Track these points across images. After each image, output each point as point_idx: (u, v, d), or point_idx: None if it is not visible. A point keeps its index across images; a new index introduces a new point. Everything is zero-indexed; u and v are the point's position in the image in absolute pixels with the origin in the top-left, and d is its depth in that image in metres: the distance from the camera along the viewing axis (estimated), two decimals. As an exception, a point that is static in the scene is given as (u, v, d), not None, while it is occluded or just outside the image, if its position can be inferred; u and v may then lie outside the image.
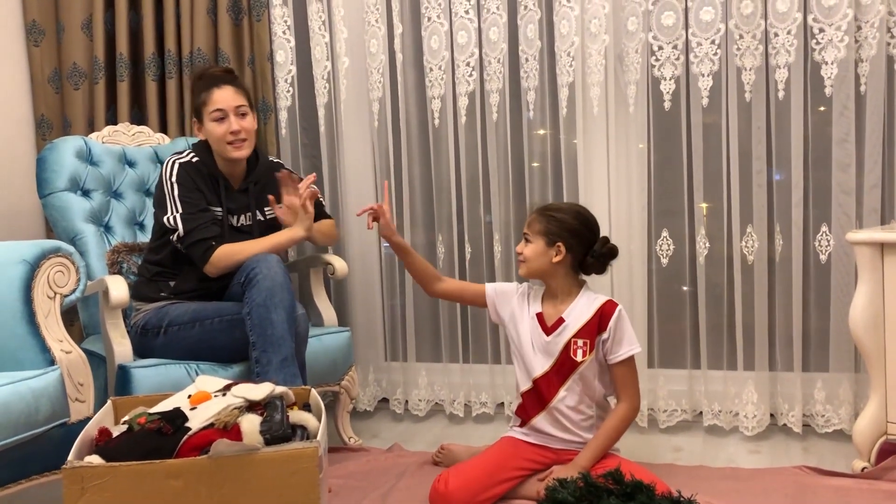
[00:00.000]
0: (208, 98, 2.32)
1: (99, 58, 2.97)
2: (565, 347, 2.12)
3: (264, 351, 2.12)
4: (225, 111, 2.30)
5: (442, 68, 2.74)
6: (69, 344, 1.99)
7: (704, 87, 2.50)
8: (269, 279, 2.13)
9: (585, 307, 2.14)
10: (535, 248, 2.13)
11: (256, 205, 2.41)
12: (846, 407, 2.47)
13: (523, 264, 2.17)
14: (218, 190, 2.35)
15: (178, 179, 2.28)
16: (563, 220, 2.12)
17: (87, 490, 1.35)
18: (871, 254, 2.10)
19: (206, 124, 2.33)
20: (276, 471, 1.39)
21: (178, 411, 1.48)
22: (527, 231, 2.16)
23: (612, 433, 2.09)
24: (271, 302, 2.12)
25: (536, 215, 2.16)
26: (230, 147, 2.32)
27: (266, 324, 2.11)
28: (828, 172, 2.45)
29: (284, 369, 2.12)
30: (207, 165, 2.35)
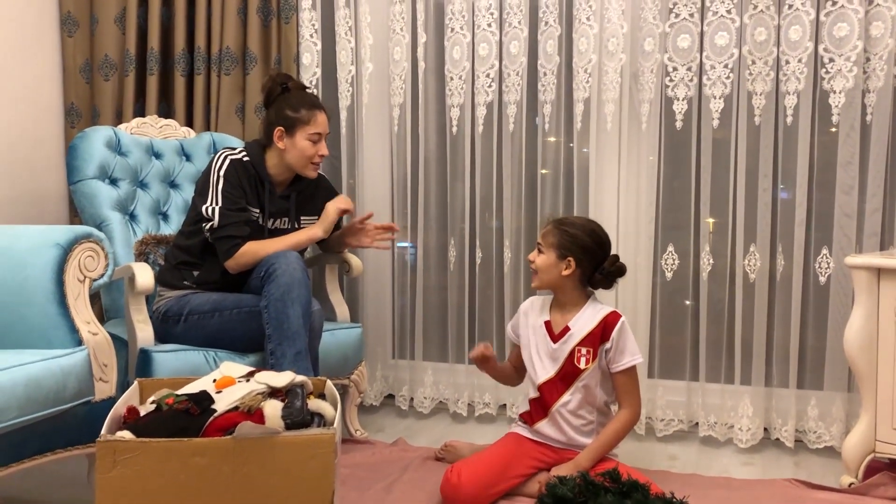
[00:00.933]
0: (313, 119, 2.41)
1: (130, 51, 3.06)
2: (570, 355, 2.21)
3: (279, 344, 2.20)
4: (321, 135, 2.43)
5: (462, 78, 2.83)
6: (96, 326, 2.08)
7: (716, 109, 2.58)
8: (288, 275, 2.22)
9: (590, 317, 2.22)
10: (546, 260, 2.21)
11: (296, 212, 2.51)
12: (838, 424, 2.55)
13: (535, 276, 2.25)
14: (262, 191, 2.43)
15: (226, 174, 2.36)
16: (576, 236, 2.20)
17: (119, 463, 1.44)
18: (867, 278, 2.18)
19: (298, 140, 2.40)
20: (294, 454, 1.47)
21: (205, 394, 1.57)
22: (541, 241, 2.24)
23: (612, 437, 2.18)
24: (288, 297, 2.20)
25: (552, 227, 2.24)
26: (311, 167, 2.45)
27: (282, 318, 2.20)
28: (831, 195, 2.53)
29: (297, 363, 2.20)
30: (257, 167, 2.43)
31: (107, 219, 2.62)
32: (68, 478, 2.28)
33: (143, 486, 1.44)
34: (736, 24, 2.54)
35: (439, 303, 3.03)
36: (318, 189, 2.57)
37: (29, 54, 3.00)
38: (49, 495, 2.19)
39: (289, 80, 2.50)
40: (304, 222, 2.53)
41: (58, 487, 2.24)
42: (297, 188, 2.51)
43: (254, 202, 2.41)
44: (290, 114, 2.41)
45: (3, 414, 1.72)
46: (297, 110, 2.41)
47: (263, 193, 2.43)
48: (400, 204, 2.99)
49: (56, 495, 2.19)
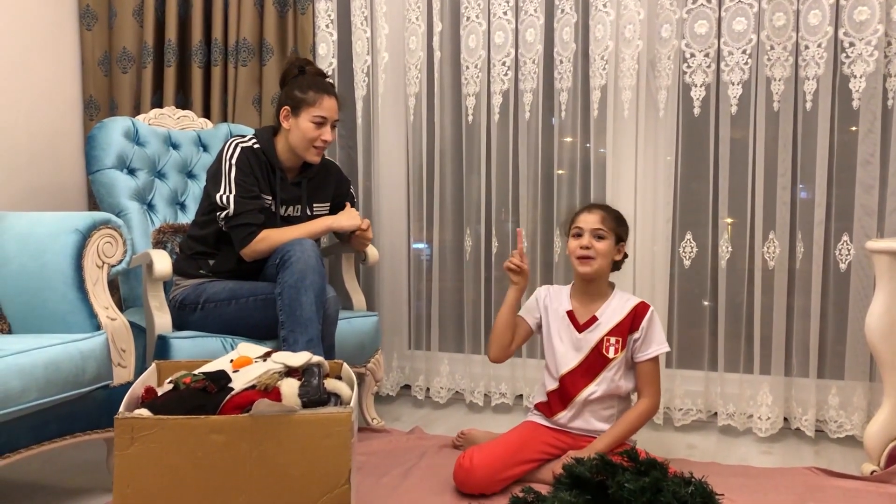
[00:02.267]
0: (320, 101, 2.39)
1: (148, 43, 3.08)
2: (597, 345, 2.21)
3: (292, 331, 2.20)
4: (326, 119, 2.41)
5: (478, 67, 2.83)
6: (114, 311, 2.10)
7: (734, 96, 2.56)
8: (302, 262, 2.22)
9: (619, 307, 2.23)
10: (608, 245, 2.20)
11: (307, 199, 2.50)
12: (859, 414, 2.52)
13: (594, 260, 2.18)
14: (273, 179, 2.43)
15: (238, 163, 2.36)
16: (625, 223, 2.26)
17: (136, 440, 1.44)
18: (889, 263, 2.15)
19: (301, 121, 2.39)
20: (311, 432, 1.47)
21: (223, 372, 1.57)
22: (601, 227, 2.19)
23: (630, 425, 2.16)
24: (302, 284, 2.20)
25: (607, 213, 2.22)
26: (313, 151, 2.42)
27: (295, 305, 2.20)
28: (852, 177, 2.50)
29: (310, 350, 2.20)
30: (267, 153, 2.42)
31: (125, 208, 2.64)
32: (87, 464, 2.31)
33: (161, 462, 1.44)
34: (754, 9, 2.52)
35: (455, 293, 3.03)
36: (329, 175, 2.58)
37: (48, 48, 3.03)
38: (68, 481, 2.21)
39: (308, 64, 2.50)
40: (316, 209, 2.53)
41: (77, 473, 2.26)
42: (307, 175, 2.50)
43: (266, 189, 2.41)
44: (297, 94, 2.41)
45: (24, 395, 1.74)
46: (305, 91, 2.41)
47: (275, 180, 2.43)
48: (416, 193, 2.99)
49: (75, 481, 2.21)
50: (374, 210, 3.02)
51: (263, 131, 2.48)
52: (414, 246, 3.06)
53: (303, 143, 2.41)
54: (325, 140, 2.42)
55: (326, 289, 2.29)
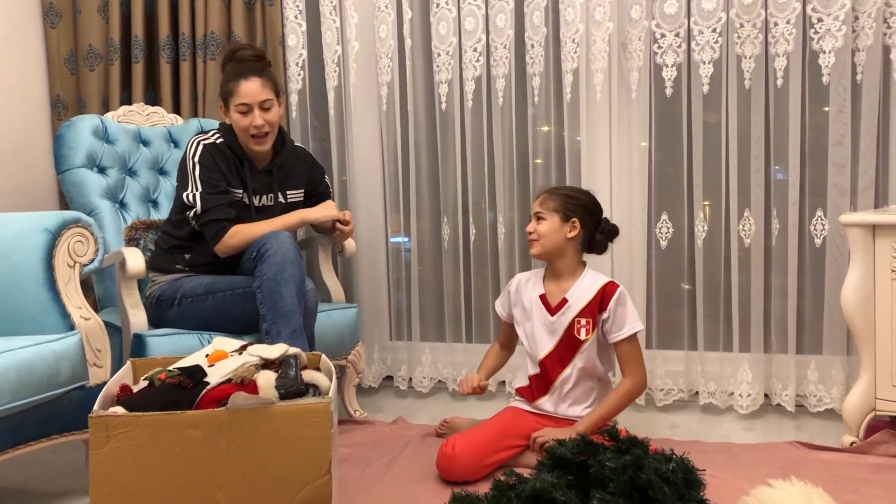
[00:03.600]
0: (235, 89, 2.32)
1: (114, 40, 3.04)
2: (569, 326, 2.20)
3: (274, 323, 2.18)
4: (250, 105, 2.32)
5: (450, 53, 2.81)
6: (87, 311, 2.07)
7: (705, 75, 2.57)
8: (280, 254, 2.20)
9: (588, 287, 2.22)
10: (549, 225, 2.20)
11: (279, 187, 2.47)
12: (838, 387, 2.54)
13: (537, 242, 2.21)
14: (242, 170, 2.40)
15: (201, 160, 2.33)
16: (577, 197, 2.22)
17: (112, 438, 1.42)
18: (862, 235, 2.17)
19: (232, 113, 2.35)
20: (290, 423, 1.46)
21: (198, 367, 1.56)
22: (539, 209, 2.22)
23: (613, 405, 2.17)
24: (281, 276, 2.18)
25: (549, 194, 2.23)
26: (253, 140, 2.35)
27: (276, 297, 2.18)
28: (824, 151, 2.52)
29: (294, 341, 2.18)
30: (232, 146, 2.39)
31: (96, 207, 2.61)
32: (66, 466, 2.28)
33: (138, 460, 1.42)
34: (723, -13, 2.52)
35: (435, 282, 3.02)
36: (300, 161, 2.54)
37: (12, 47, 2.98)
38: (46, 485, 2.18)
39: (239, 49, 2.43)
40: (290, 197, 2.50)
41: (56, 476, 2.23)
42: (277, 162, 2.47)
43: (236, 182, 2.38)
44: (222, 87, 2.38)
45: (-3, 398, 1.71)
46: (226, 83, 2.35)
47: (244, 171, 2.40)
48: (391, 183, 2.97)
49: (54, 484, 2.18)
50: (350, 201, 3.00)
51: (227, 124, 2.44)
52: (393, 240, 3.05)
53: (240, 135, 2.37)
54: (256, 126, 2.32)
55: (305, 281, 2.28)
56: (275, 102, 2.37)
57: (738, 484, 1.91)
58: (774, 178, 2.60)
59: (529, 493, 1.35)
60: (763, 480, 1.55)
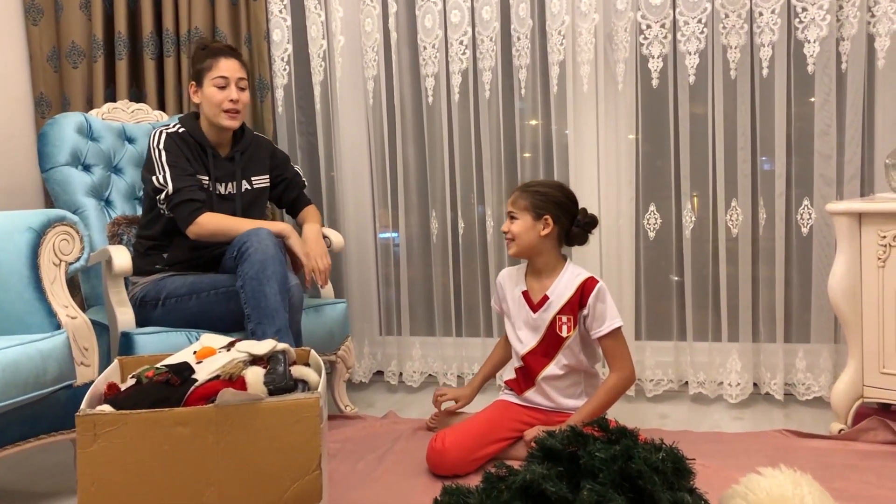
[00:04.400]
0: (215, 64, 2.38)
1: (97, 36, 3.01)
2: (551, 324, 2.20)
3: (259, 323, 2.17)
4: (228, 80, 2.38)
5: (436, 47, 2.80)
6: (74, 310, 2.05)
7: (691, 65, 2.57)
8: (261, 252, 2.18)
9: (568, 283, 2.20)
10: (522, 224, 2.18)
11: (242, 174, 2.48)
12: (826, 375, 2.56)
13: (512, 242, 2.20)
14: (205, 158, 2.41)
15: (165, 146, 2.35)
16: (547, 194, 2.18)
17: (100, 436, 1.41)
18: (849, 224, 2.18)
19: (205, 88, 2.39)
20: (279, 419, 1.45)
21: (186, 364, 1.55)
22: (512, 209, 2.20)
23: (600, 401, 2.16)
24: (263, 275, 2.16)
25: (519, 193, 2.21)
26: (225, 115, 2.39)
27: (259, 296, 2.16)
28: (810, 141, 2.53)
29: (279, 340, 2.18)
30: (194, 135, 2.41)
31: (82, 205, 2.59)
32: (56, 466, 2.27)
33: (126, 458, 1.41)
34: (708, -23, 2.53)
35: (424, 277, 3.02)
36: (262, 148, 2.56)
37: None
38: (34, 485, 2.17)
39: (211, 43, 2.50)
40: (255, 183, 2.51)
41: (45, 476, 2.22)
42: (239, 149, 2.48)
43: (200, 170, 2.39)
44: (197, 66, 2.43)
45: (-18, 398, 1.70)
46: (202, 61, 2.41)
47: (207, 159, 2.42)
48: (379, 177, 2.96)
49: (43, 484, 2.17)
50: (339, 196, 2.99)
51: (187, 116, 2.48)
52: (382, 236, 3.04)
53: (213, 110, 2.40)
54: (232, 100, 2.38)
55: (289, 277, 2.26)
56: (247, 87, 2.45)
57: (727, 472, 1.91)
58: (761, 168, 2.60)
59: (520, 484, 1.34)
60: (752, 468, 1.55)
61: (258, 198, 2.52)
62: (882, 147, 2.45)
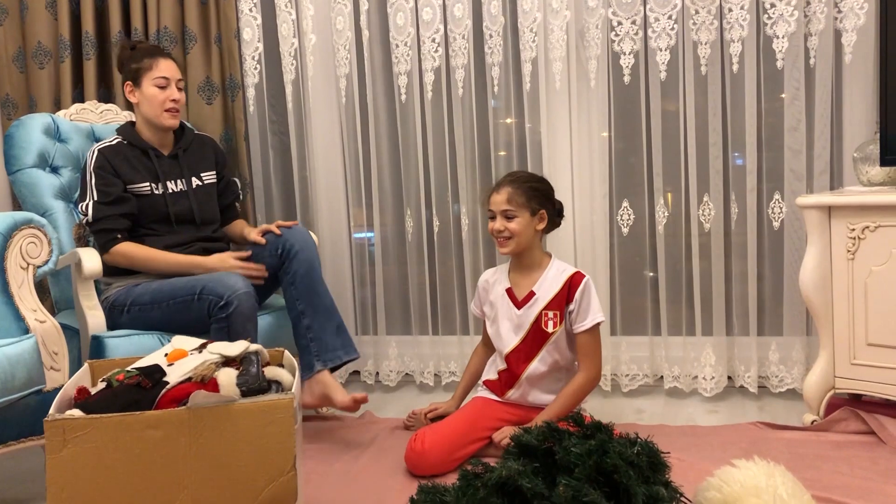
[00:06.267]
0: (154, 65, 2.42)
1: (64, 36, 2.96)
2: (536, 319, 2.19)
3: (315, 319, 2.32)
4: (169, 80, 2.43)
5: (408, 45, 2.79)
6: (43, 314, 2.02)
7: (662, 62, 2.58)
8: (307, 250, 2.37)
9: (555, 278, 2.20)
10: (522, 221, 2.15)
11: (190, 170, 2.51)
12: (798, 367, 2.58)
13: (510, 241, 2.16)
14: (149, 160, 2.44)
15: (96, 167, 2.37)
16: (539, 188, 2.19)
17: (69, 442, 1.39)
18: (819, 217, 2.20)
19: (145, 88, 2.42)
20: (253, 421, 1.44)
21: (157, 367, 1.53)
22: (508, 207, 2.15)
23: (567, 400, 2.15)
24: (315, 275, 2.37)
25: (513, 189, 2.16)
26: (167, 114, 2.43)
27: (313, 295, 2.32)
28: (780, 136, 2.55)
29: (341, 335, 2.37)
30: (133, 141, 2.44)
31: (50, 208, 2.55)
32: (26, 473, 2.23)
33: (97, 463, 1.39)
34: (677, -26, 2.54)
35: (399, 276, 3.00)
36: (206, 146, 2.60)
37: (-43, 44, 2.89)
38: (4, 493, 2.13)
39: (138, 43, 2.55)
40: (205, 178, 2.54)
41: (14, 483, 2.18)
42: (182, 146, 2.52)
43: (144, 174, 2.42)
44: (133, 66, 2.45)
45: (-52, 405, 1.66)
46: (139, 61, 2.44)
47: (152, 161, 2.44)
48: (353, 177, 2.95)
49: (12, 491, 2.13)
50: (312, 196, 2.97)
51: (123, 126, 2.52)
52: (357, 235, 3.02)
53: (154, 110, 2.43)
54: (174, 100, 2.43)
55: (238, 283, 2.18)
56: (183, 87, 2.51)
57: (703, 465, 1.93)
58: (733, 163, 2.63)
59: (496, 481, 1.34)
60: (727, 461, 1.57)
61: (211, 193, 2.56)
62: (850, 141, 2.48)
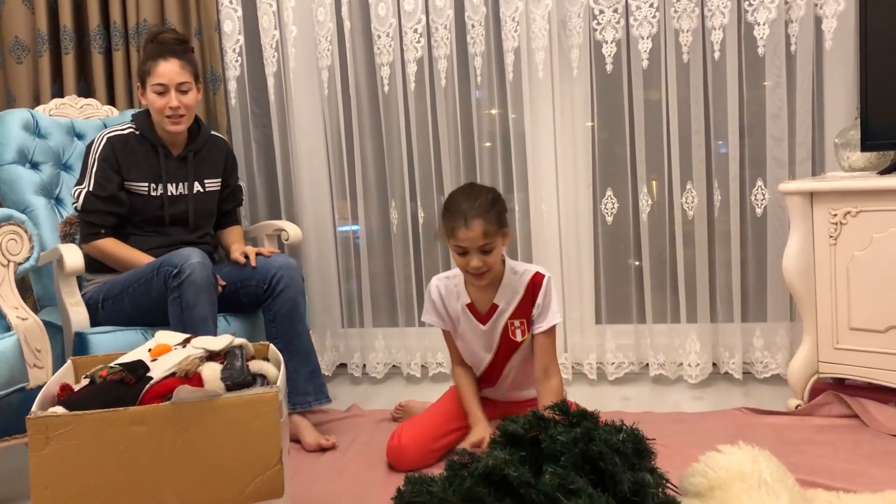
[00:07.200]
0: (153, 69, 2.32)
1: (42, 30, 2.93)
2: (503, 331, 2.10)
3: (289, 361, 2.21)
4: (167, 86, 2.31)
5: (390, 35, 2.78)
6: (25, 311, 2.00)
7: (644, 50, 2.58)
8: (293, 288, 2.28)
9: (516, 285, 2.08)
10: (497, 251, 1.99)
11: (195, 175, 2.44)
12: (783, 353, 2.60)
13: (487, 273, 2.00)
14: (156, 158, 2.37)
15: (102, 155, 2.33)
16: (501, 205, 2.02)
17: (52, 439, 1.38)
18: (801, 203, 2.22)
19: (148, 93, 2.34)
20: (238, 415, 1.43)
21: (140, 362, 1.51)
22: (485, 241, 1.94)
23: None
24: (296, 314, 2.27)
25: (485, 221, 1.94)
26: (167, 121, 2.34)
27: (292, 335, 2.25)
28: (762, 123, 2.56)
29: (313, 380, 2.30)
30: (146, 133, 2.37)
31: (31, 204, 2.52)
32: (11, 472, 2.21)
33: (81, 460, 1.38)
34: (658, -39, 2.54)
35: (385, 268, 3.00)
36: (217, 150, 2.52)
37: (-67, 40, 2.85)
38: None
39: (162, 32, 2.43)
40: (208, 186, 2.47)
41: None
42: (193, 149, 2.43)
43: (146, 173, 2.36)
44: (141, 66, 2.37)
45: (-71, 405, 1.65)
46: (144, 63, 2.36)
47: (159, 159, 2.38)
48: (336, 169, 2.94)
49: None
50: (296, 190, 2.96)
51: (140, 113, 2.43)
52: (343, 229, 3.01)
53: (156, 116, 2.36)
54: (172, 108, 2.31)
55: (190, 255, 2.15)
56: (192, 86, 2.36)
57: (688, 452, 1.93)
58: (716, 151, 2.63)
59: (482, 470, 1.35)
60: (713, 447, 1.58)
61: (210, 200, 2.49)
62: (832, 128, 2.49)
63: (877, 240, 2.11)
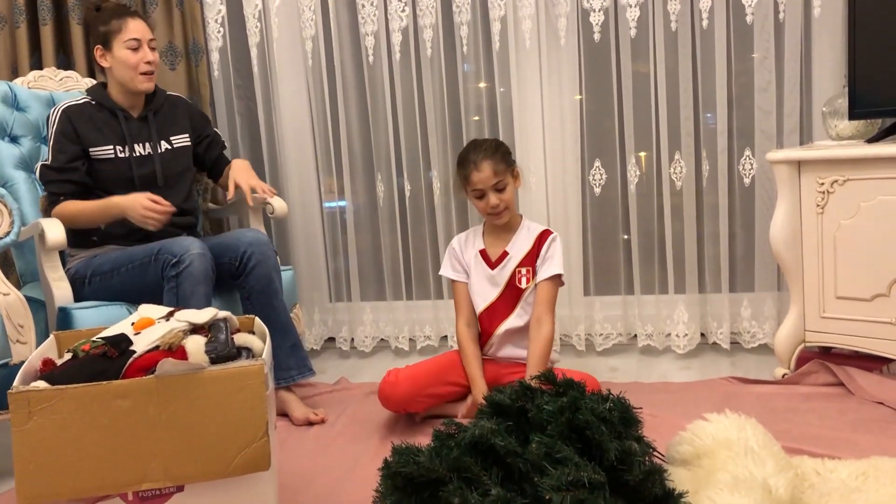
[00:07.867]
0: (124, 26, 2.33)
1: (18, 1, 2.87)
2: (511, 277, 2.23)
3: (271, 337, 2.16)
4: (141, 41, 2.34)
5: (374, 4, 2.74)
6: (6, 286, 1.98)
7: (632, 18, 2.56)
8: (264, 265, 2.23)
9: (526, 237, 2.25)
10: (510, 187, 2.19)
11: (159, 133, 2.43)
12: (770, 323, 2.61)
13: (507, 211, 2.20)
14: (117, 122, 2.37)
15: (58, 129, 2.33)
16: (505, 148, 2.23)
17: (35, 413, 1.36)
18: (788, 172, 2.21)
19: (116, 52, 2.33)
20: (222, 388, 1.42)
21: (123, 336, 1.50)
22: (498, 179, 2.15)
23: (544, 358, 2.14)
24: (271, 289, 2.23)
25: (493, 160, 2.15)
26: (142, 77, 2.35)
27: (269, 311, 2.20)
28: (751, 93, 2.54)
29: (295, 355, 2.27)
30: (102, 101, 2.37)
31: (10, 178, 2.48)
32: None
33: (64, 435, 1.37)
34: (645, -73, 2.50)
35: (372, 242, 2.98)
36: (178, 108, 2.52)
37: None
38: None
39: (103, 2, 2.45)
40: (175, 142, 2.46)
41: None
42: (153, 108, 2.44)
43: (109, 136, 2.35)
44: (101, 29, 2.36)
45: None
46: (108, 23, 2.35)
47: (119, 122, 2.37)
48: (322, 142, 2.90)
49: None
50: (281, 162, 2.92)
51: (96, 84, 2.46)
52: (329, 205, 2.98)
53: (127, 73, 2.35)
54: (148, 62, 2.34)
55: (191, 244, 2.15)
56: (156, 46, 2.43)
57: (675, 421, 1.94)
58: (704, 124, 2.62)
59: (469, 440, 1.34)
60: (700, 416, 1.58)
61: (179, 158, 2.48)
62: (820, 96, 2.48)
63: (864, 208, 2.10)
